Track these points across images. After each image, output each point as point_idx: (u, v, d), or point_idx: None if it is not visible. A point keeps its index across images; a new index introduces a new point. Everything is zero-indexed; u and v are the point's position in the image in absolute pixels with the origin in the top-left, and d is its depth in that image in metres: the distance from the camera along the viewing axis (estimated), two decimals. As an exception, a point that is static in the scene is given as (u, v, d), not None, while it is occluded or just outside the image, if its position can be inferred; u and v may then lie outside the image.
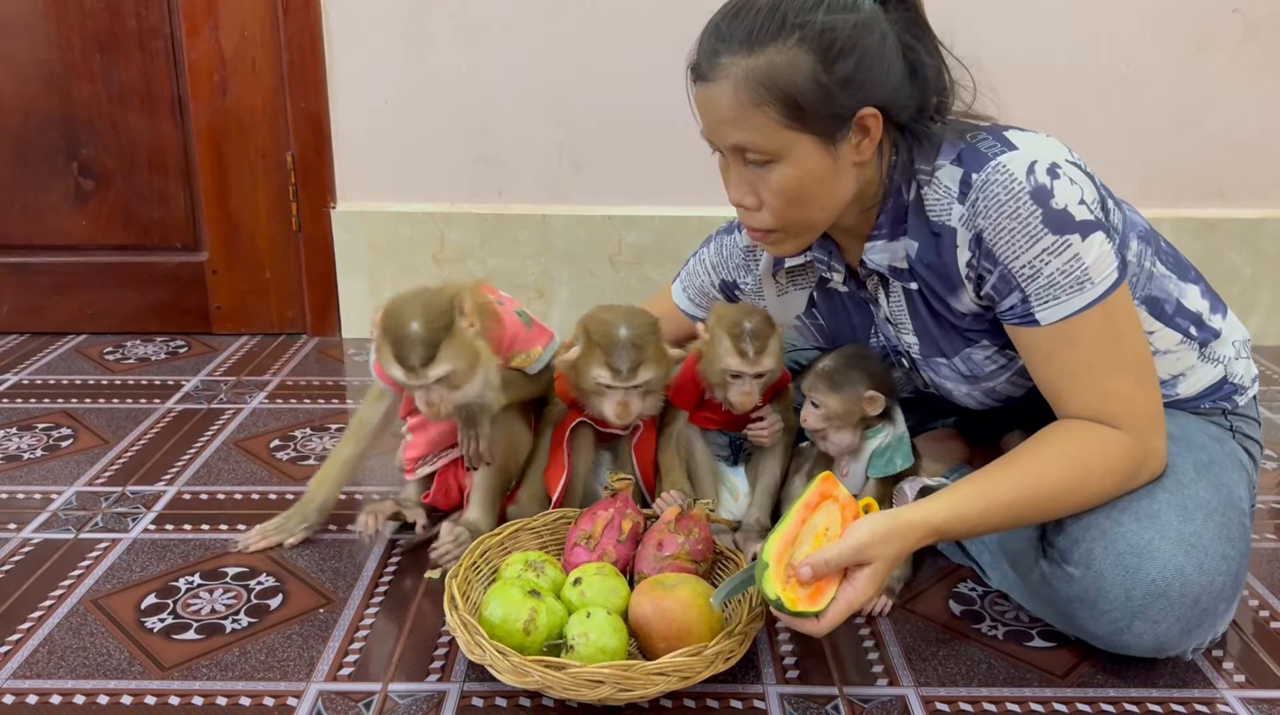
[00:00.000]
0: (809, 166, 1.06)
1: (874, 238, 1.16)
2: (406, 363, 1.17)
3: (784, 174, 1.07)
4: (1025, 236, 1.04)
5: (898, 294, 1.20)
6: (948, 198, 1.08)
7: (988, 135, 1.09)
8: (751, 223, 1.14)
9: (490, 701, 1.07)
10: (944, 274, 1.12)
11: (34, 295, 2.27)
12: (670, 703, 1.07)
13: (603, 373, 1.23)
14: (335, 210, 2.23)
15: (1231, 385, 1.23)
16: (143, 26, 2.12)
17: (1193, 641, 1.08)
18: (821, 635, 1.04)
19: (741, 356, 1.26)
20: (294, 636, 1.18)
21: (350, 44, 2.14)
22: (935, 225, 1.10)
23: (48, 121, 2.16)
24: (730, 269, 1.39)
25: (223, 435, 1.75)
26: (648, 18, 2.11)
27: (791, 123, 1.04)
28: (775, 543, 1.02)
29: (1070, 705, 1.08)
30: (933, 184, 1.10)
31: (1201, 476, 1.11)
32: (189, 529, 1.43)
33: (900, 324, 1.22)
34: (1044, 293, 1.05)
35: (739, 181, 1.11)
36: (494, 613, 1.08)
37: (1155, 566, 1.04)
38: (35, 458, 1.66)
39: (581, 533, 1.26)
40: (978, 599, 1.27)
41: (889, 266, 1.16)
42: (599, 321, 1.25)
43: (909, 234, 1.14)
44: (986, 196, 1.05)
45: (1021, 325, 1.09)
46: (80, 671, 1.12)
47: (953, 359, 1.19)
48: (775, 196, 1.09)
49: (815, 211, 1.11)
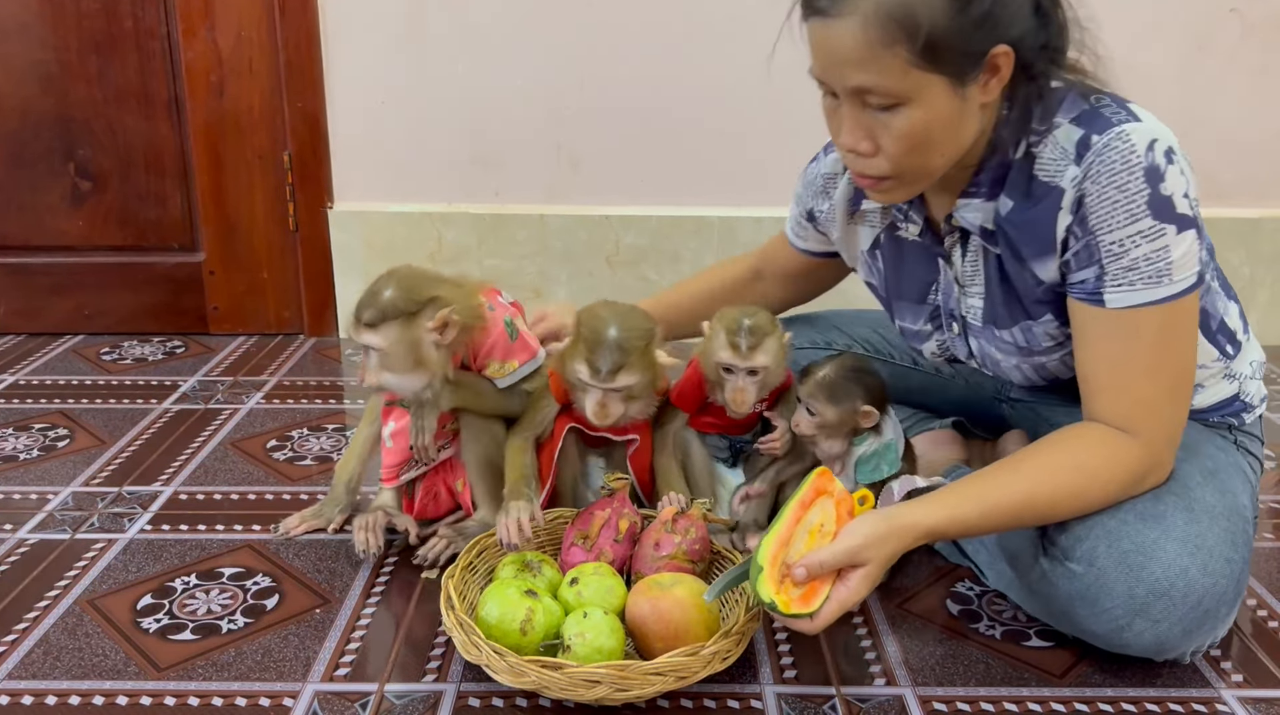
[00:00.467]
0: (937, 110, 1.00)
1: (970, 195, 1.12)
2: (355, 317, 1.21)
3: (910, 118, 1.00)
4: (1126, 213, 1.02)
5: (974, 255, 1.17)
6: (1063, 159, 1.04)
7: (1111, 102, 1.05)
8: (864, 169, 1.07)
9: (487, 702, 1.07)
10: (1038, 237, 1.08)
11: (31, 296, 2.26)
12: (667, 703, 1.07)
13: (583, 369, 1.22)
14: (332, 210, 2.23)
15: (1242, 402, 1.23)
16: (139, 27, 2.11)
17: (1193, 643, 1.08)
18: (815, 633, 1.04)
19: (734, 350, 1.26)
20: (290, 637, 1.18)
21: (347, 44, 2.14)
22: (1042, 187, 1.06)
23: (44, 122, 2.16)
24: (811, 197, 1.35)
25: (219, 435, 1.75)
26: (645, 17, 2.11)
27: (923, 63, 0.96)
28: (770, 544, 1.02)
29: (1068, 705, 1.08)
30: (1047, 143, 1.06)
31: (1207, 482, 1.11)
32: (185, 529, 1.43)
33: (968, 286, 1.19)
34: (1121, 275, 1.03)
35: (854, 126, 1.03)
36: (490, 613, 1.08)
37: (1159, 565, 1.03)
38: (32, 458, 1.66)
39: (578, 532, 1.26)
40: (975, 599, 1.27)
41: (979, 226, 1.13)
42: (593, 316, 1.24)
43: (1005, 193, 1.10)
44: (1103, 161, 1.01)
45: (1086, 302, 1.07)
46: (76, 672, 1.11)
47: (1011, 329, 1.17)
48: (896, 142, 1.02)
49: (936, 158, 1.05)
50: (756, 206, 2.22)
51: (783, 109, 2.16)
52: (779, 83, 2.15)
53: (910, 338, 1.32)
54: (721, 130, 2.17)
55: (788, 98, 2.16)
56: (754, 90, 2.16)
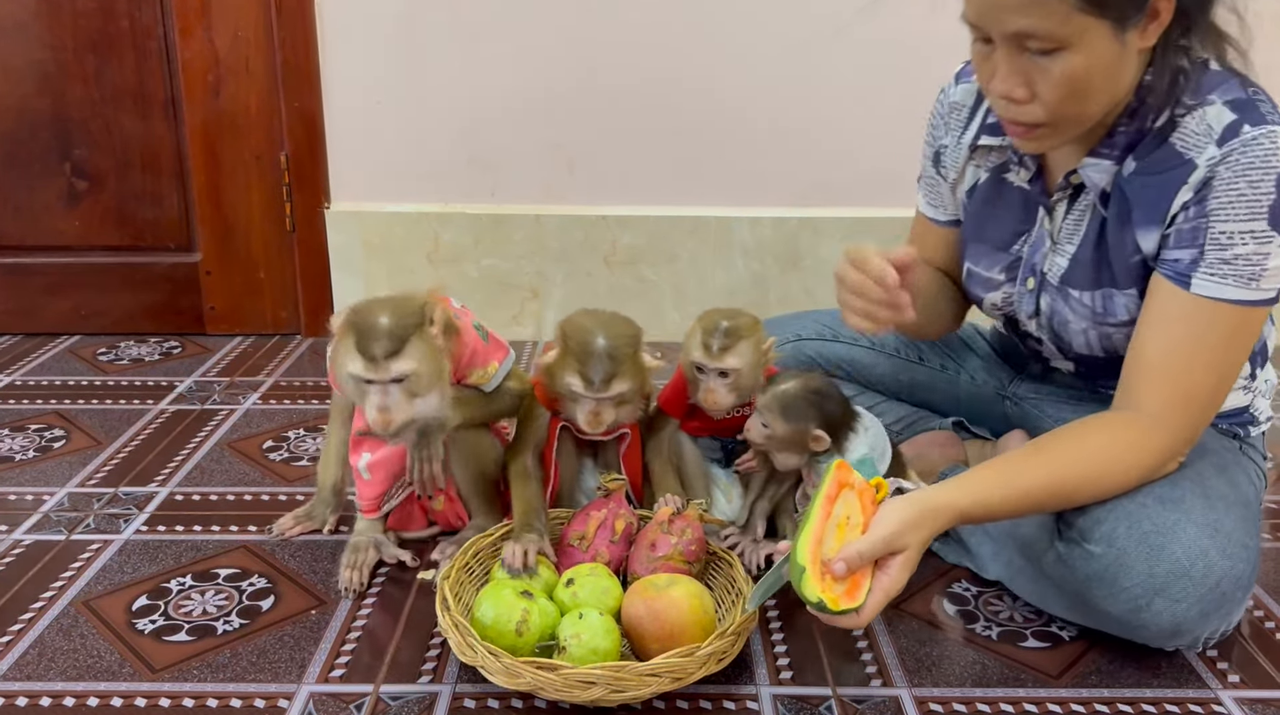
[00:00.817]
0: (1099, 54, 0.99)
1: (1100, 154, 1.11)
2: (368, 353, 1.11)
3: (1071, 63, 0.99)
4: (1246, 210, 1.02)
5: (1079, 214, 1.16)
6: (1206, 136, 1.04)
7: (1267, 99, 1.05)
8: (1017, 116, 1.06)
9: (482, 703, 1.07)
10: (1154, 204, 1.08)
11: (27, 296, 2.26)
12: (663, 704, 1.07)
13: (576, 381, 1.21)
14: (329, 210, 2.23)
15: (1249, 415, 1.25)
16: (136, 27, 2.11)
17: (1208, 626, 1.09)
18: (862, 627, 1.04)
19: (705, 350, 1.26)
20: (286, 638, 1.18)
21: (344, 44, 2.14)
22: (1175, 156, 1.06)
23: (41, 122, 2.15)
24: (941, 131, 1.31)
25: (216, 436, 1.75)
26: (642, 18, 2.11)
27: (1087, 6, 0.96)
28: (806, 544, 1.00)
29: (1065, 705, 1.08)
30: (1193, 116, 1.05)
31: (1220, 475, 1.14)
32: (181, 530, 1.43)
33: (1061, 243, 1.18)
34: (1216, 266, 1.04)
35: (1010, 71, 1.02)
36: (486, 614, 1.08)
37: (1180, 546, 1.05)
38: (27, 459, 1.66)
39: (574, 533, 1.25)
40: (972, 599, 1.27)
41: (1100, 188, 1.12)
42: (577, 328, 1.23)
43: (1133, 155, 1.09)
44: (1245, 153, 1.01)
45: (1171, 281, 1.07)
46: (71, 673, 1.11)
47: (1093, 293, 1.16)
48: (1055, 88, 1.01)
49: (1092, 105, 1.04)
50: (754, 206, 2.22)
51: (781, 109, 2.17)
52: (777, 83, 2.16)
53: (976, 284, 1.30)
54: (719, 130, 2.17)
55: (786, 98, 2.16)
56: (751, 90, 2.16)
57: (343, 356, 1.14)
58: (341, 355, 1.14)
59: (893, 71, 2.12)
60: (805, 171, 2.20)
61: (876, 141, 2.16)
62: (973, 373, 1.48)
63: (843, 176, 2.20)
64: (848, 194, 2.22)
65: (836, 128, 2.17)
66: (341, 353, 1.14)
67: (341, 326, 1.15)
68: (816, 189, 2.22)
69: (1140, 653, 1.15)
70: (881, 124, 2.15)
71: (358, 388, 1.15)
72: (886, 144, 2.14)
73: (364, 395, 1.15)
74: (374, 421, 1.14)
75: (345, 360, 1.13)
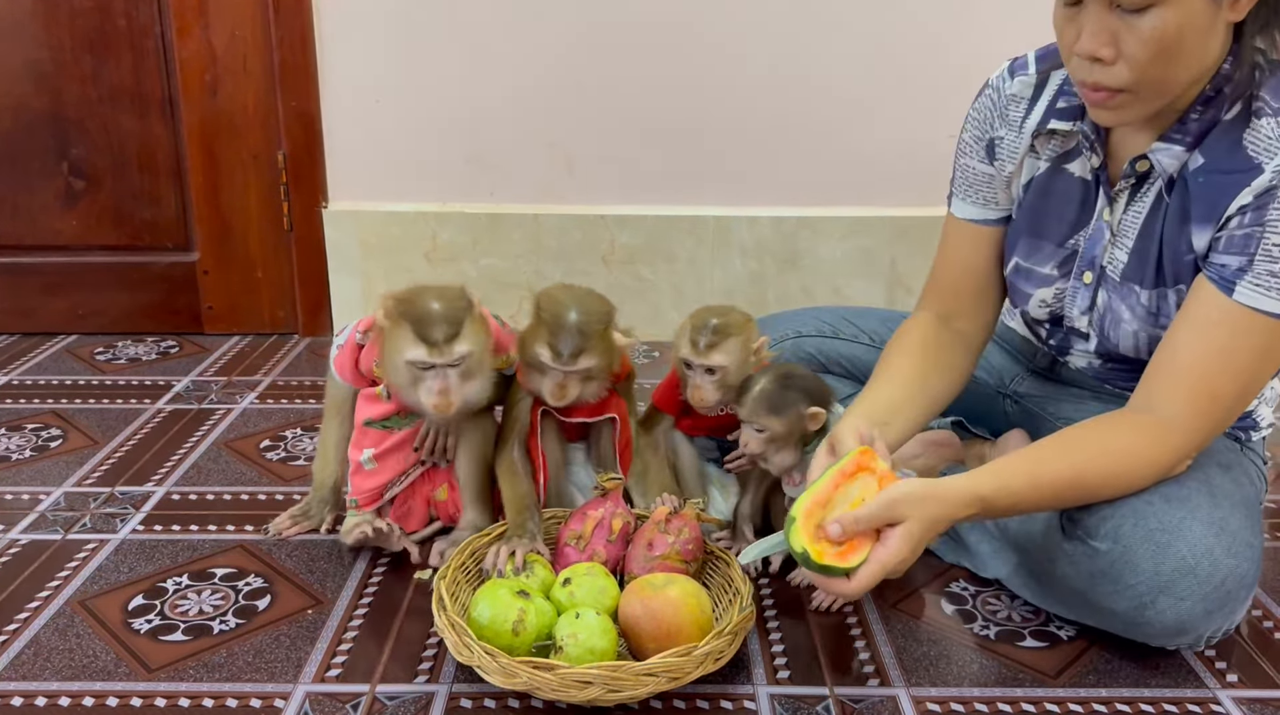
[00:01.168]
0: (1191, 14, 0.97)
1: (1172, 140, 1.09)
2: (429, 338, 1.15)
3: (1163, 20, 0.97)
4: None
5: (1143, 204, 1.14)
6: (1278, 143, 1.03)
7: None
8: (1100, 78, 1.03)
9: (479, 703, 1.07)
10: (1214, 204, 1.07)
11: (24, 296, 2.26)
12: (661, 703, 1.07)
13: (544, 352, 1.22)
14: (327, 210, 2.22)
15: (1252, 421, 1.26)
16: (133, 26, 2.11)
17: (1211, 625, 1.09)
18: (853, 598, 1.04)
19: (693, 347, 1.27)
20: (282, 638, 1.18)
21: (342, 43, 2.14)
22: (1244, 158, 1.04)
23: (38, 121, 2.15)
24: (995, 122, 1.26)
25: (213, 436, 1.75)
26: (639, 18, 2.10)
27: None
28: (805, 500, 1.00)
29: (1062, 705, 1.07)
30: (1268, 121, 1.04)
31: (1224, 474, 1.15)
32: (178, 530, 1.42)
33: (1122, 236, 1.17)
34: (1265, 278, 1.04)
35: (1097, 28, 1.00)
36: (482, 614, 1.08)
37: (1185, 544, 1.05)
38: (24, 458, 1.66)
39: (571, 533, 1.25)
40: (970, 598, 1.27)
41: (1169, 174, 1.10)
42: (552, 300, 1.25)
43: (1202, 149, 1.08)
44: None
45: (1215, 284, 1.06)
46: (66, 673, 1.11)
47: (1151, 291, 1.15)
48: (1144, 46, 0.99)
49: (1180, 70, 1.02)
50: (752, 206, 2.21)
51: (779, 109, 2.16)
52: (776, 82, 2.16)
53: (1024, 280, 1.27)
54: (717, 129, 2.17)
55: (785, 98, 2.16)
56: (750, 90, 2.16)
57: (399, 343, 1.17)
58: (397, 342, 1.17)
59: (893, 72, 2.12)
60: (803, 171, 2.20)
61: (875, 141, 2.16)
62: (975, 371, 1.47)
63: (841, 176, 2.20)
64: (846, 193, 2.21)
65: (835, 127, 2.17)
66: (397, 340, 1.17)
67: (392, 316, 1.18)
68: (815, 188, 2.21)
69: (1138, 652, 1.14)
70: (881, 123, 2.15)
71: (412, 375, 1.18)
72: (886, 143, 2.14)
73: (418, 381, 1.19)
74: (434, 405, 1.18)
75: (403, 347, 1.17)
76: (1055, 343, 1.32)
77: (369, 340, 1.29)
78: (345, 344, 1.32)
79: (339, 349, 1.33)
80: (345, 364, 1.32)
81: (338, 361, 1.33)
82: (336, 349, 1.34)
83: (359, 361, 1.31)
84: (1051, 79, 1.21)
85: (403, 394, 1.24)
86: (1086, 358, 1.29)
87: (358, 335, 1.31)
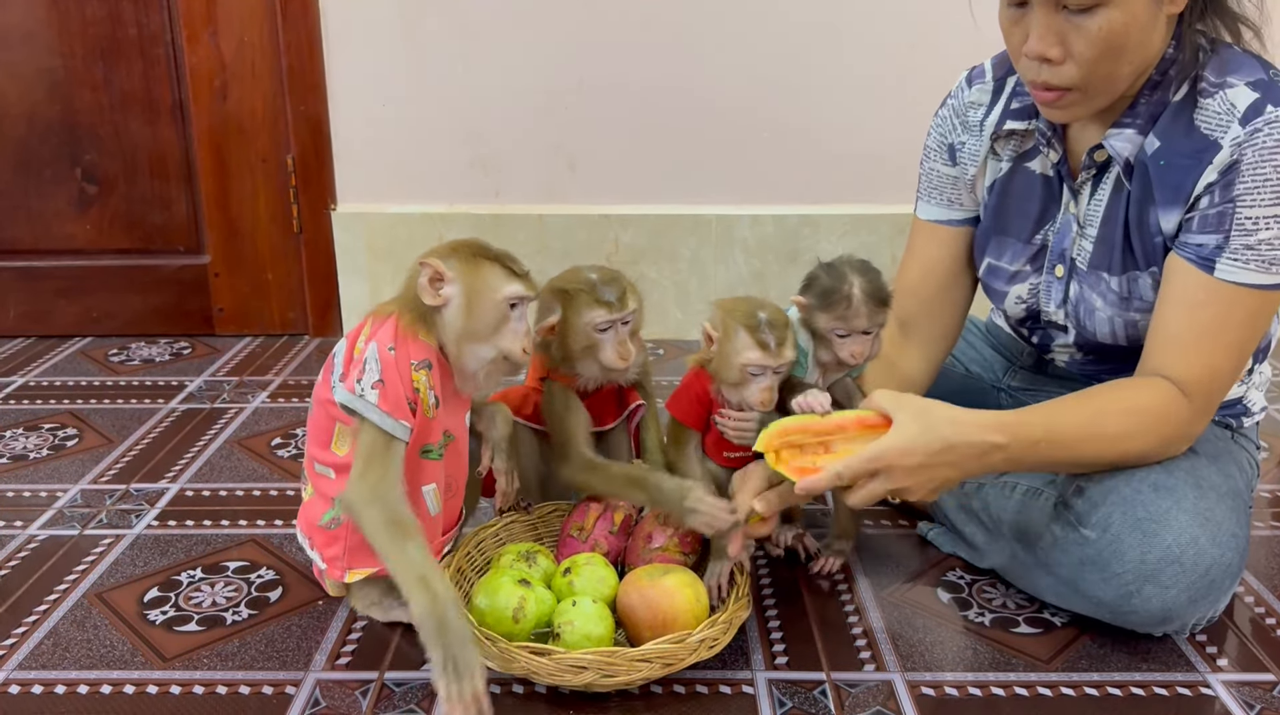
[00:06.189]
0: (1134, 12, 1.02)
1: (1124, 125, 1.12)
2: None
3: (1109, 20, 1.01)
4: (1272, 194, 1.04)
5: (1104, 192, 1.17)
6: (1228, 116, 1.06)
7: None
8: (1050, 79, 1.07)
9: (483, 689, 1.09)
10: (1177, 185, 1.09)
11: (39, 299, 2.30)
12: (660, 689, 1.09)
13: (597, 312, 1.18)
14: (335, 212, 2.26)
15: (1243, 406, 1.28)
16: (143, 34, 2.14)
17: (1196, 613, 1.11)
18: (805, 490, 1.07)
19: (763, 348, 1.13)
20: (293, 627, 1.21)
21: (348, 47, 2.17)
22: (1200, 138, 1.07)
23: (51, 128, 2.19)
24: (954, 129, 1.30)
25: (225, 434, 1.78)
26: (641, 18, 2.13)
27: None
28: (797, 421, 1.09)
29: (1055, 689, 1.09)
30: (1215, 98, 1.07)
31: (1212, 464, 1.16)
32: (191, 525, 1.46)
33: (1087, 225, 1.19)
34: (1241, 252, 1.06)
35: (1046, 31, 1.04)
36: (484, 601, 1.11)
37: (1171, 534, 1.07)
38: (41, 457, 1.69)
39: (574, 524, 1.28)
40: (965, 586, 1.29)
41: (1125, 159, 1.13)
42: (568, 280, 1.22)
43: (1156, 132, 1.11)
44: (1271, 133, 1.03)
45: (1194, 265, 1.09)
46: (84, 663, 1.14)
47: (1121, 277, 1.17)
48: (1091, 45, 1.03)
49: (1124, 66, 1.06)
50: (754, 204, 2.23)
51: (781, 107, 2.18)
52: (778, 81, 2.18)
53: (997, 279, 1.29)
54: (718, 129, 2.19)
55: (786, 96, 2.18)
56: (752, 89, 2.18)
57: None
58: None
59: (892, 70, 2.14)
60: (805, 169, 2.22)
61: (876, 139, 2.18)
62: (967, 365, 1.50)
63: (843, 173, 2.22)
64: (848, 191, 2.23)
65: (836, 126, 2.19)
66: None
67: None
68: (817, 186, 2.23)
69: (1130, 638, 1.16)
70: (881, 121, 2.17)
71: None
72: (886, 141, 2.16)
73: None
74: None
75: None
76: (1038, 340, 1.34)
77: (396, 354, 1.08)
78: (384, 368, 1.06)
79: (380, 385, 1.05)
80: (398, 394, 1.05)
81: (388, 397, 1.04)
82: (372, 388, 1.05)
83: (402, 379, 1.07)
84: (1007, 83, 1.24)
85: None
86: (1068, 352, 1.31)
87: (388, 351, 1.07)
